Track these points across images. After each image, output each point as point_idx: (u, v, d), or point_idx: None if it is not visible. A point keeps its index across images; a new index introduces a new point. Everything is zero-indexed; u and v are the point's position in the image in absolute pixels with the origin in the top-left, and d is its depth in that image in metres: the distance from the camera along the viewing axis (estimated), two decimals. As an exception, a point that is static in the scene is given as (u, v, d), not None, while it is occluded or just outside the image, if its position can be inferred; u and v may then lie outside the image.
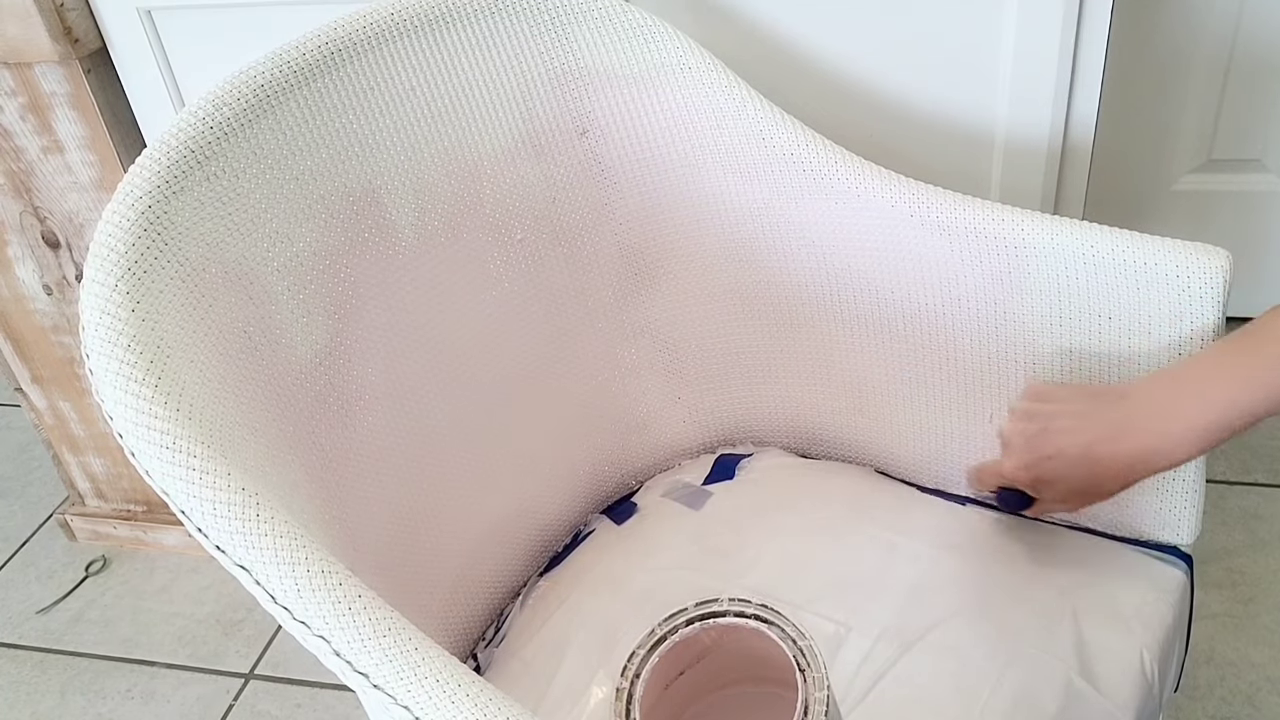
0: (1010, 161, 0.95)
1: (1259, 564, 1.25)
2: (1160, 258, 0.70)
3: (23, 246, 1.25)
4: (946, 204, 0.77)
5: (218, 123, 0.66)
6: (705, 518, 0.86)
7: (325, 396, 0.70)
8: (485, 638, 0.84)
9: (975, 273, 0.77)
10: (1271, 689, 1.12)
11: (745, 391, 0.93)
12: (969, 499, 0.86)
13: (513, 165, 0.82)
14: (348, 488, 0.71)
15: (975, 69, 0.92)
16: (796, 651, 0.59)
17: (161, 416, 0.54)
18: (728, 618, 0.62)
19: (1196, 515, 0.77)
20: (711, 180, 0.85)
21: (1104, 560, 0.78)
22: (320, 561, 0.52)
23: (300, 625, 0.51)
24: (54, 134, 1.15)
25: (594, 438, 0.91)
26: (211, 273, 0.63)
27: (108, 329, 0.56)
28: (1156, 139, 1.42)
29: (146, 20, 1.04)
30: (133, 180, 0.61)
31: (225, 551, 0.53)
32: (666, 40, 0.82)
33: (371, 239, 0.74)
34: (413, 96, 0.76)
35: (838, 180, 0.80)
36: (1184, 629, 0.79)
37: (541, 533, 0.89)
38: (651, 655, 0.61)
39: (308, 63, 0.71)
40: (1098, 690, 0.69)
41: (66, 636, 1.40)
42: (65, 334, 1.32)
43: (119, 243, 0.58)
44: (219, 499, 0.52)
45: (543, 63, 0.82)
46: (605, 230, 0.87)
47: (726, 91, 0.82)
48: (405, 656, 0.49)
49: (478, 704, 0.48)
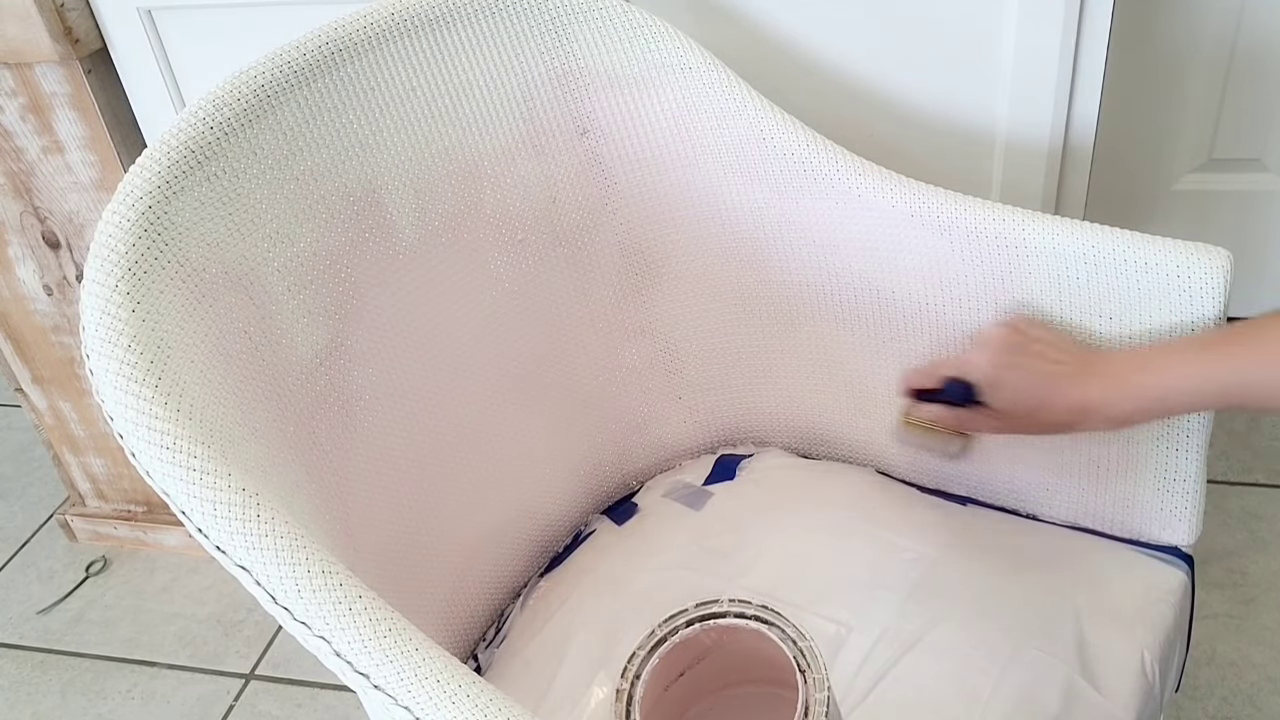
0: (1011, 161, 0.95)
1: (1260, 564, 1.25)
2: (1161, 257, 0.70)
3: (23, 247, 1.25)
4: (947, 204, 0.77)
5: (218, 123, 0.66)
6: (706, 518, 0.86)
7: (326, 396, 0.70)
8: (486, 638, 0.84)
9: (976, 272, 0.77)
10: (1272, 689, 1.12)
11: (746, 391, 0.93)
12: (969, 499, 0.86)
13: (513, 165, 0.82)
14: (348, 488, 0.71)
15: (976, 69, 0.92)
16: (797, 652, 0.59)
17: (162, 417, 0.54)
18: (728, 619, 0.61)
19: (1197, 515, 0.77)
20: (712, 180, 0.85)
21: (1105, 560, 0.78)
22: (321, 562, 0.52)
23: (301, 626, 0.51)
24: (54, 134, 1.15)
25: (594, 438, 0.91)
26: (212, 273, 0.63)
27: (108, 329, 0.56)
28: (1157, 139, 1.42)
29: (147, 20, 1.04)
30: (133, 180, 0.61)
31: (226, 552, 0.52)
32: (667, 40, 0.82)
33: (372, 239, 0.74)
34: (413, 96, 0.76)
35: (838, 180, 0.79)
36: (1185, 629, 0.79)
37: (542, 533, 0.89)
38: (652, 656, 0.61)
39: (308, 63, 0.71)
40: (1098, 690, 0.69)
41: (67, 637, 1.40)
42: (65, 334, 1.32)
43: (119, 243, 0.58)
44: (219, 499, 0.52)
45: (543, 63, 0.82)
46: (605, 230, 0.87)
47: (727, 91, 0.82)
48: (406, 657, 0.49)
49: (478, 704, 0.48)
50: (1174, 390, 0.65)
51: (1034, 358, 0.71)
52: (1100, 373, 0.69)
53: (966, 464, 0.84)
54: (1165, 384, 0.66)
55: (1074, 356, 0.71)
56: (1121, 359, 0.70)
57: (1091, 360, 0.70)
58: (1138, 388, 0.67)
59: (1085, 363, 0.70)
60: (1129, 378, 0.68)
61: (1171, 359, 0.66)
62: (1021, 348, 0.72)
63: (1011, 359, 0.72)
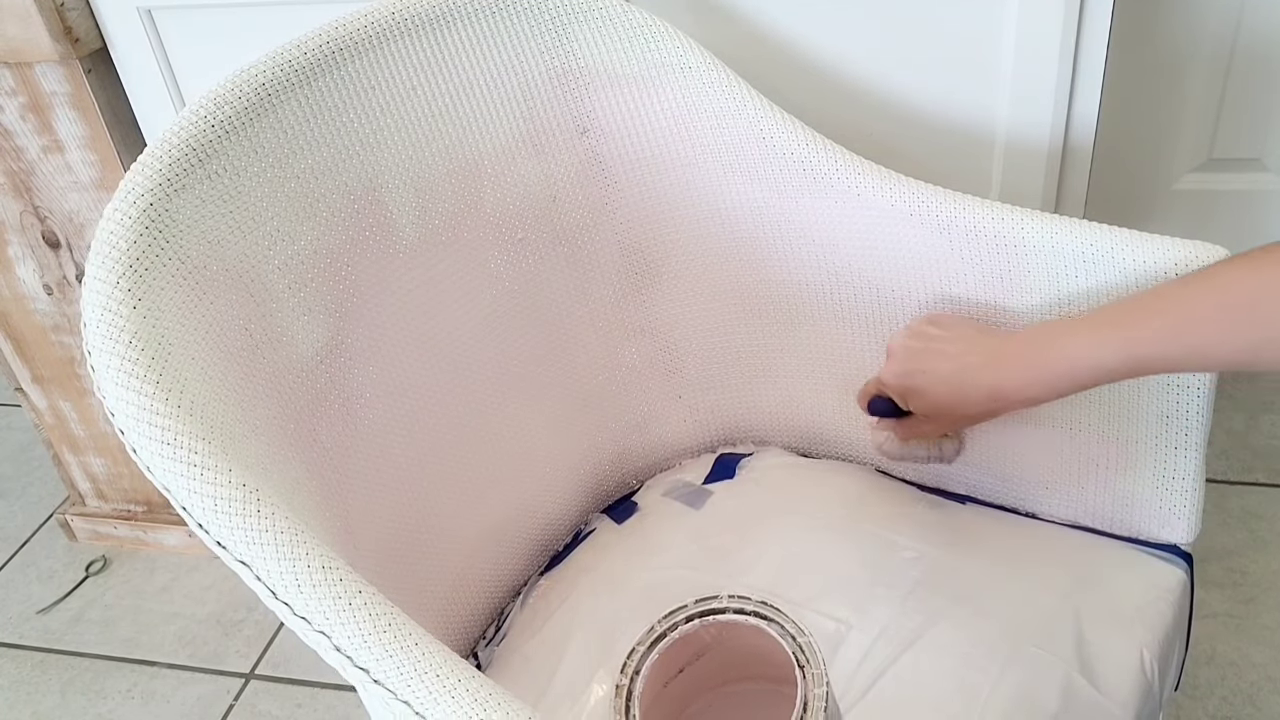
0: (1011, 161, 0.95)
1: (1259, 563, 1.25)
2: (1161, 256, 0.70)
3: (23, 246, 1.25)
4: (946, 203, 0.77)
5: (219, 121, 0.66)
6: (706, 517, 0.86)
7: (326, 394, 0.71)
8: (486, 636, 0.85)
9: (975, 271, 0.77)
10: (1272, 688, 1.12)
11: (746, 391, 0.93)
12: (969, 498, 0.86)
13: (513, 164, 0.82)
14: (348, 485, 0.71)
15: (976, 68, 0.92)
16: (796, 648, 0.59)
17: (163, 413, 0.54)
18: (727, 615, 0.62)
19: (1197, 514, 0.78)
20: (712, 179, 0.85)
21: (1104, 559, 0.78)
22: (320, 557, 0.52)
23: (301, 621, 0.51)
24: (54, 134, 1.15)
25: (594, 437, 0.91)
26: (212, 271, 0.63)
27: (109, 326, 0.56)
28: (1157, 138, 1.42)
29: (146, 20, 1.04)
30: (134, 179, 0.61)
31: (226, 547, 0.53)
32: (666, 40, 0.82)
33: (372, 238, 0.74)
34: (413, 96, 0.76)
35: (838, 179, 0.80)
36: (1184, 628, 0.79)
37: (542, 532, 0.89)
38: (651, 652, 0.61)
39: (308, 62, 0.71)
40: (1098, 689, 0.69)
41: (67, 636, 1.40)
42: (66, 334, 1.32)
43: (120, 240, 0.59)
44: (220, 495, 0.53)
45: (543, 62, 0.82)
46: (606, 229, 0.88)
47: (726, 91, 0.82)
48: (405, 652, 0.49)
49: (477, 699, 0.48)
50: (1081, 365, 0.66)
51: (936, 358, 0.73)
52: (1007, 357, 0.70)
53: (966, 464, 0.84)
54: (1070, 359, 0.66)
55: (976, 347, 0.72)
56: (1025, 340, 0.70)
57: (997, 346, 0.71)
58: (1042, 368, 0.68)
59: (991, 350, 0.71)
60: (1034, 358, 0.68)
61: (1075, 335, 0.67)
62: (922, 352, 0.74)
63: (915, 366, 0.74)
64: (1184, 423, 0.74)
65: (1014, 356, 0.70)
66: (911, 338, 0.75)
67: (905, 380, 0.75)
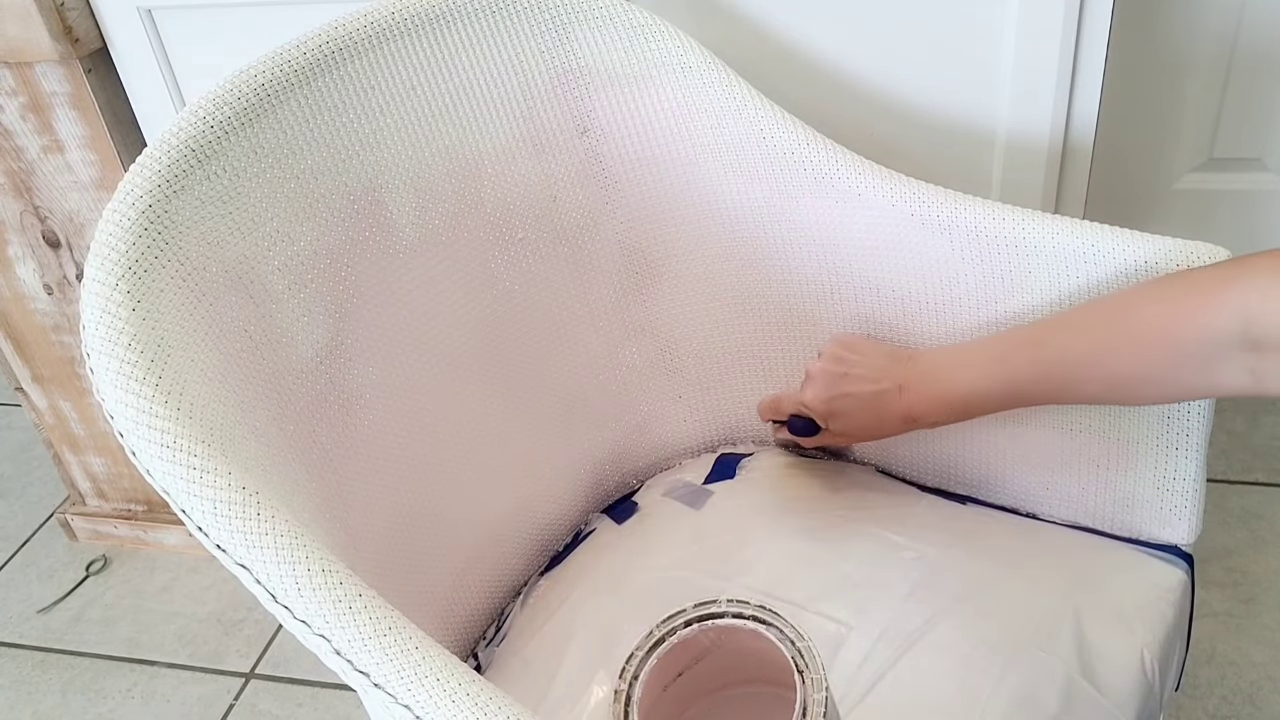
0: (1011, 161, 0.95)
1: (1259, 563, 1.25)
2: (1161, 257, 0.70)
3: (23, 246, 1.25)
4: (947, 203, 0.77)
5: (218, 122, 0.66)
6: (706, 517, 0.86)
7: (326, 395, 0.70)
8: (486, 637, 0.84)
9: (976, 271, 0.77)
10: (1273, 688, 1.12)
11: (746, 390, 0.93)
12: (969, 498, 0.86)
13: (513, 164, 0.82)
14: (348, 487, 0.71)
15: (976, 68, 0.92)
16: (795, 652, 0.59)
17: (162, 415, 0.54)
18: (726, 619, 0.61)
19: (1197, 514, 0.77)
20: (712, 179, 0.85)
21: (1104, 560, 0.78)
22: (320, 560, 0.52)
23: (300, 624, 0.51)
24: (54, 133, 1.15)
25: (594, 437, 0.91)
26: (212, 271, 0.63)
27: (108, 327, 0.56)
28: (1157, 138, 1.42)
29: (146, 20, 1.04)
30: (133, 179, 0.61)
31: (226, 550, 0.53)
32: (666, 39, 0.82)
33: (372, 238, 0.74)
34: (413, 95, 0.76)
35: (838, 179, 0.80)
36: (1184, 628, 0.79)
37: (542, 532, 0.89)
38: (650, 657, 0.61)
39: (308, 62, 0.71)
40: (1098, 689, 0.69)
41: (67, 636, 1.40)
42: (66, 334, 1.32)
43: (120, 241, 0.58)
44: (219, 498, 0.52)
45: (543, 62, 0.82)
46: (606, 229, 0.87)
47: (726, 90, 0.82)
48: (406, 655, 0.49)
49: (478, 703, 0.48)
50: (975, 395, 0.71)
51: (856, 383, 0.78)
52: (912, 386, 0.75)
53: (966, 464, 0.84)
54: (962, 392, 0.72)
55: (888, 374, 0.76)
56: (925, 370, 0.75)
57: (902, 375, 0.76)
58: (940, 399, 0.74)
59: (897, 379, 0.76)
60: (933, 389, 0.74)
61: (966, 368, 0.72)
62: (842, 378, 0.78)
63: (837, 391, 0.78)
64: (1185, 423, 0.74)
65: (918, 385, 0.75)
66: (830, 362, 0.79)
67: (830, 404, 0.79)
